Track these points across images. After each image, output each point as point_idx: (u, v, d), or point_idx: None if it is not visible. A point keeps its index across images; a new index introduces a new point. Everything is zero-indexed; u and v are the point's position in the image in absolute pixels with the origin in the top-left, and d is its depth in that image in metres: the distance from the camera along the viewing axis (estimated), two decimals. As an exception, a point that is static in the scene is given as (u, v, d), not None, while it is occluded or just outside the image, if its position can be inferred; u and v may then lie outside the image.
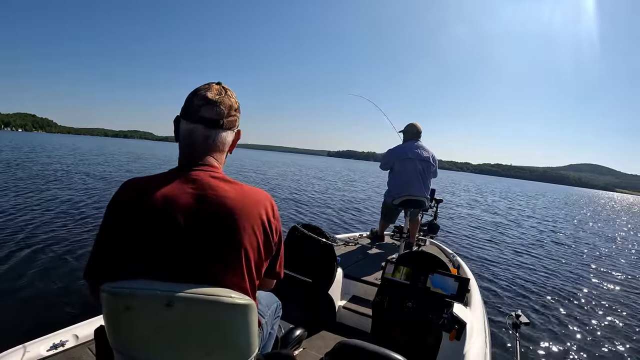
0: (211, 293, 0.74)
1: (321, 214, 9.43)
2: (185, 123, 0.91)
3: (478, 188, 38.01)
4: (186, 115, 0.90)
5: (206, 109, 0.89)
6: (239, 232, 0.82)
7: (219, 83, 0.95)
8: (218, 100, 0.90)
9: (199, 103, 0.89)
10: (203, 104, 0.89)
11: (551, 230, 11.89)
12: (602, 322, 4.15)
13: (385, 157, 3.75)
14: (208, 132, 0.90)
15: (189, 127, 0.90)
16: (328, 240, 2.30)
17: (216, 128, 0.91)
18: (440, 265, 2.08)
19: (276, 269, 1.02)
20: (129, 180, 0.89)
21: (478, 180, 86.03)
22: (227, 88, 0.95)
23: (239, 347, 0.80)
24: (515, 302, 4.46)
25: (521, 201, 25.60)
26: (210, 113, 0.89)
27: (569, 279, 5.93)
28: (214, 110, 0.89)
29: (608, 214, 25.66)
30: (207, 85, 0.93)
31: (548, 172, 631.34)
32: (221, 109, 0.90)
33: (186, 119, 0.90)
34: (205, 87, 0.92)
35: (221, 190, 0.84)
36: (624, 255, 8.94)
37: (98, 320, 1.54)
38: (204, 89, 0.91)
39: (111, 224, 0.84)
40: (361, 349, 1.08)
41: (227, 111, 0.91)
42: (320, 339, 2.04)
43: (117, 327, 0.78)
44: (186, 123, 0.91)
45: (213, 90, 0.91)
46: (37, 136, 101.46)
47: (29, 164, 14.60)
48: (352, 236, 3.84)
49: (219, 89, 0.92)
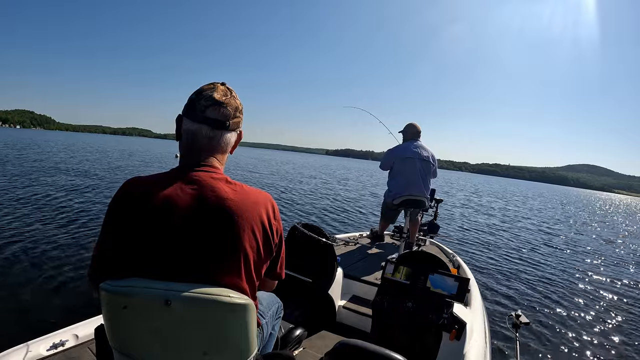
0: (210, 292, 0.74)
1: (310, 212, 9.43)
2: (189, 122, 0.90)
3: (476, 188, 38.03)
4: (190, 114, 0.89)
5: (212, 109, 0.88)
6: (239, 233, 0.82)
7: (224, 83, 0.94)
8: (225, 102, 0.89)
9: (205, 103, 0.88)
10: (209, 104, 0.88)
11: (551, 231, 11.90)
12: (602, 322, 4.16)
13: (385, 157, 3.76)
14: (213, 133, 0.90)
15: (194, 127, 0.89)
16: (328, 240, 2.30)
17: (222, 129, 0.90)
18: (440, 265, 2.08)
19: (277, 270, 1.01)
20: (130, 179, 0.89)
21: (476, 180, 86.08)
22: (231, 89, 0.94)
23: (238, 347, 0.80)
24: (515, 302, 4.46)
25: (518, 201, 25.61)
26: (216, 114, 0.88)
27: (569, 279, 5.93)
28: (221, 111, 0.89)
29: (605, 215, 25.67)
30: (212, 85, 0.92)
31: (546, 172, 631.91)
32: (228, 110, 0.90)
33: (190, 119, 0.89)
34: (211, 87, 0.91)
35: (222, 192, 0.84)
36: (624, 255, 8.95)
37: (98, 319, 1.53)
38: (210, 89, 0.90)
39: (112, 222, 0.84)
40: (361, 349, 1.08)
41: (233, 112, 0.91)
42: (320, 339, 2.04)
43: (116, 326, 0.78)
44: (190, 122, 0.89)
45: (219, 90, 0.90)
46: (34, 133, 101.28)
47: (35, 161, 14.61)
48: (352, 236, 3.84)
49: (225, 90, 0.92)
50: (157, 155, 31.37)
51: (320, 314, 2.30)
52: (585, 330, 3.85)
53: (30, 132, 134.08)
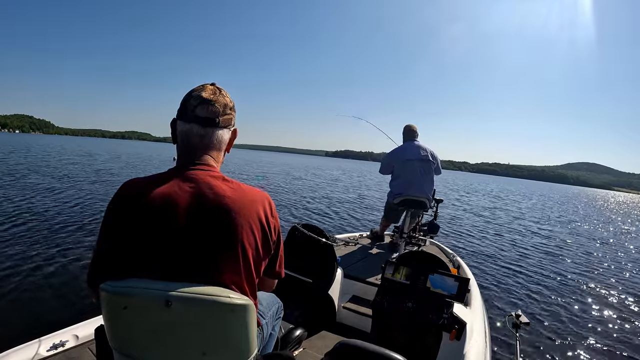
0: (209, 293, 0.74)
1: (310, 212, 9.43)
2: (181, 124, 0.92)
3: (475, 187, 38.03)
4: (182, 116, 0.92)
5: (201, 108, 0.90)
6: (237, 230, 0.82)
7: (213, 84, 0.96)
8: (212, 99, 0.91)
9: (194, 103, 0.90)
10: (198, 103, 0.90)
11: (551, 230, 11.89)
12: (602, 322, 4.15)
13: (385, 160, 3.81)
14: (204, 131, 0.91)
15: (185, 127, 0.91)
16: (328, 240, 2.30)
17: (212, 126, 0.92)
18: (440, 265, 2.08)
19: (276, 269, 1.02)
20: (128, 180, 0.90)
21: (475, 179, 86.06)
22: (221, 88, 0.96)
23: (238, 347, 0.80)
24: (515, 302, 4.46)
25: (518, 201, 25.61)
26: (205, 112, 0.90)
27: (569, 278, 5.93)
28: (209, 108, 0.90)
29: (606, 213, 25.68)
30: (201, 86, 0.94)
31: (546, 171, 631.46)
32: (216, 108, 0.91)
33: (182, 120, 0.92)
34: (200, 88, 0.93)
35: (219, 189, 0.84)
36: (624, 255, 8.95)
37: (98, 320, 1.53)
38: (199, 90, 0.92)
39: (111, 223, 0.84)
40: (361, 349, 1.08)
41: (222, 109, 0.92)
42: (320, 339, 2.04)
43: (116, 326, 0.78)
44: (182, 124, 0.92)
45: (207, 90, 0.93)
46: (32, 137, 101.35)
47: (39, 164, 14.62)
48: (352, 236, 3.84)
49: (213, 89, 0.94)
50: (154, 159, 31.33)
51: (320, 314, 2.30)
52: (585, 330, 3.85)
53: (29, 136, 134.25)
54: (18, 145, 30.23)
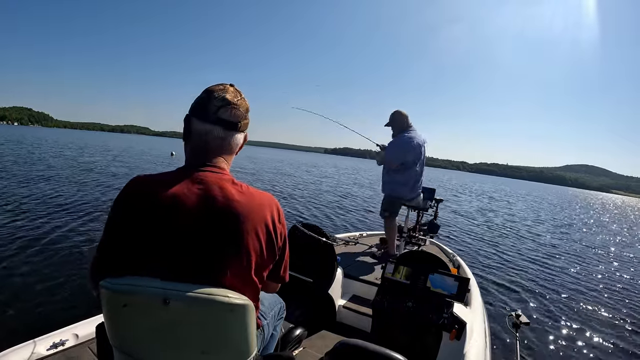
0: (209, 293, 0.74)
1: (311, 211, 9.43)
2: (199, 123, 0.89)
3: (475, 187, 38.03)
4: (201, 115, 0.89)
5: (224, 110, 0.88)
6: (243, 234, 0.82)
7: (232, 85, 0.95)
8: (238, 103, 0.90)
9: (216, 104, 0.88)
10: (222, 105, 0.88)
11: (551, 230, 11.90)
12: (602, 322, 4.15)
13: (394, 152, 3.32)
14: (225, 134, 0.90)
15: (205, 128, 0.89)
16: (328, 240, 2.30)
17: (233, 130, 0.91)
18: (440, 265, 2.08)
19: (280, 274, 1.01)
20: (136, 177, 0.88)
21: (474, 179, 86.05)
22: (240, 91, 0.95)
23: (237, 347, 0.80)
24: (515, 302, 4.46)
25: (517, 201, 25.60)
26: (229, 115, 0.89)
27: (569, 278, 5.93)
28: (233, 112, 0.89)
29: (604, 216, 25.66)
30: (222, 87, 0.92)
31: (544, 172, 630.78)
32: (240, 112, 0.91)
33: (201, 119, 0.89)
34: (221, 88, 0.91)
35: (228, 192, 0.84)
36: (625, 255, 8.95)
37: (98, 319, 1.53)
38: (221, 90, 0.90)
39: (118, 220, 0.84)
40: (361, 348, 1.08)
41: (244, 114, 0.92)
42: (320, 339, 2.03)
43: (116, 324, 0.78)
44: (201, 123, 0.89)
45: (229, 92, 0.91)
46: (29, 130, 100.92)
47: (36, 159, 14.61)
48: (352, 235, 3.84)
49: (235, 92, 0.92)
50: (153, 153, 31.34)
51: (320, 314, 2.30)
52: (585, 330, 3.85)
53: (27, 129, 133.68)
54: (11, 138, 29.85)
